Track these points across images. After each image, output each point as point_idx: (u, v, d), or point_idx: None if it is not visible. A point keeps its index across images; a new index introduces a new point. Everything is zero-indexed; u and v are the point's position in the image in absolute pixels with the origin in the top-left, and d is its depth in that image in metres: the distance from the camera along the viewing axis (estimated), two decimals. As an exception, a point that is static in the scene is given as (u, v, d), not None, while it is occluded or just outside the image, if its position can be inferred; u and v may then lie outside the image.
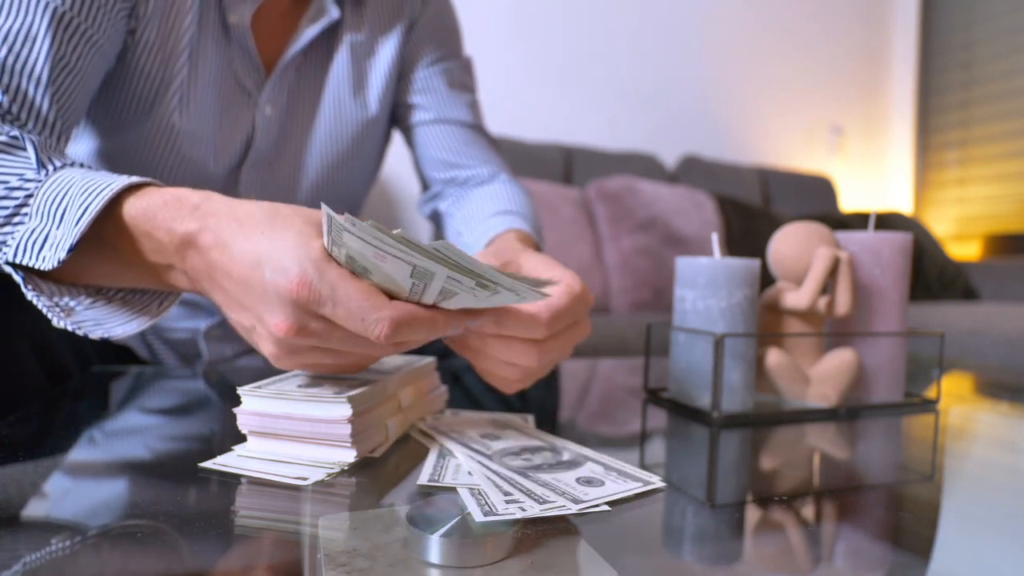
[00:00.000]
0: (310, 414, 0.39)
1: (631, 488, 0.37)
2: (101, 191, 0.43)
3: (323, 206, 0.36)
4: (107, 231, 0.44)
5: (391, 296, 0.37)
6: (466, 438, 0.45)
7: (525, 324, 0.42)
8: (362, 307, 0.35)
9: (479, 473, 0.37)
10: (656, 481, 0.38)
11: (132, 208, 0.43)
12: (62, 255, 0.43)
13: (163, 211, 0.42)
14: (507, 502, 0.33)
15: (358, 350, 0.39)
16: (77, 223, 0.42)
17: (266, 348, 0.39)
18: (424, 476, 0.38)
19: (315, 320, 0.37)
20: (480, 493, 0.34)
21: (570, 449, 0.44)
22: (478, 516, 0.31)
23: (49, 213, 0.44)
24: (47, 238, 0.44)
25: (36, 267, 0.44)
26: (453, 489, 0.35)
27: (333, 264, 0.36)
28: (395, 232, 0.34)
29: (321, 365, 0.41)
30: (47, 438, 0.47)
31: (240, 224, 0.39)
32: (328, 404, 0.39)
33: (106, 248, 0.45)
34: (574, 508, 0.33)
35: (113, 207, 0.43)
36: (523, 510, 0.32)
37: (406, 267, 0.35)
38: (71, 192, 0.44)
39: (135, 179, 0.45)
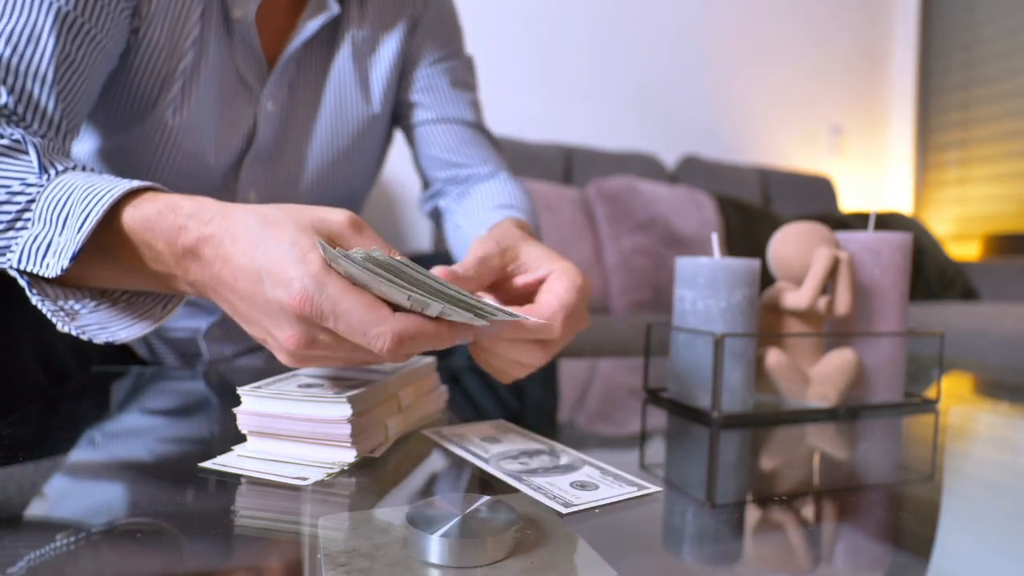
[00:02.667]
0: (310, 414, 0.39)
1: (625, 493, 0.37)
2: (102, 197, 0.43)
3: (318, 240, 0.36)
4: (107, 239, 0.44)
5: (395, 307, 0.37)
6: (466, 442, 0.45)
7: (541, 330, 0.43)
8: (363, 321, 0.35)
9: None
10: (651, 488, 0.38)
11: (130, 218, 0.43)
12: (65, 263, 0.43)
13: (159, 220, 0.42)
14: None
15: (370, 359, 0.40)
16: (79, 230, 0.42)
17: (282, 358, 0.39)
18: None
19: (323, 333, 0.37)
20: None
21: (569, 453, 0.43)
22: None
23: (52, 219, 0.44)
24: (50, 244, 0.44)
25: (40, 274, 0.44)
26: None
27: (333, 276, 0.36)
28: (396, 259, 0.34)
29: (338, 360, 0.41)
30: (47, 438, 0.47)
31: (235, 238, 0.39)
32: (328, 404, 0.39)
33: (108, 256, 0.45)
34: (564, 511, 0.33)
35: (113, 215, 0.43)
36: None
37: (402, 294, 0.35)
38: (73, 197, 0.44)
39: (136, 184, 0.44)
